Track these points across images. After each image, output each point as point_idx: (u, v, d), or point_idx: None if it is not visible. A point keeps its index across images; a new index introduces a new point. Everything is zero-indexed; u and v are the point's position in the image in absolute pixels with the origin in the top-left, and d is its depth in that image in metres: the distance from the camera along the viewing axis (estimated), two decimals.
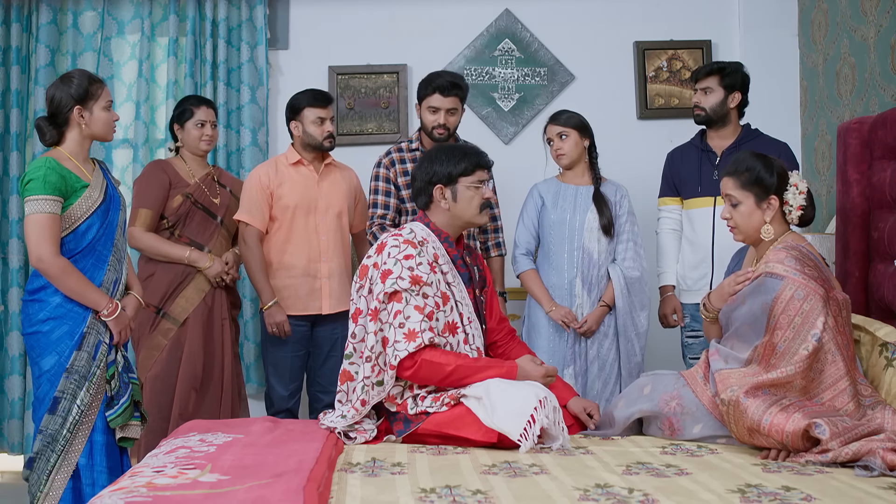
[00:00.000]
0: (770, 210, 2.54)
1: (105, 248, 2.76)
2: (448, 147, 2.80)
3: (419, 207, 2.75)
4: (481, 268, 2.86)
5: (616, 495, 1.90)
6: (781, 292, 2.40)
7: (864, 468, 2.14)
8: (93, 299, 2.70)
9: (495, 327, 2.86)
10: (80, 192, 2.70)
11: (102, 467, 2.70)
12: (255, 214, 3.51)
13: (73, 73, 2.81)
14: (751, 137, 3.42)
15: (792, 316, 2.38)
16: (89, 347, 2.70)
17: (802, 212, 2.56)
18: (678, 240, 3.52)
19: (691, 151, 3.52)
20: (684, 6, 4.56)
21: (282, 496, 1.78)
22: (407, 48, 4.49)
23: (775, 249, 2.51)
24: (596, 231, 3.36)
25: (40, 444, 2.65)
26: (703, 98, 3.43)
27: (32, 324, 2.70)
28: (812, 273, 2.43)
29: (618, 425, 2.65)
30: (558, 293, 3.36)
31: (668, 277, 3.52)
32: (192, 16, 4.33)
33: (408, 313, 2.50)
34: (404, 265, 2.53)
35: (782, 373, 2.35)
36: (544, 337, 3.35)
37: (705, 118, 3.44)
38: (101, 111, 2.77)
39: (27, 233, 2.64)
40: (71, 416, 2.65)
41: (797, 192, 2.55)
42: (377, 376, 2.53)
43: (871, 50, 3.63)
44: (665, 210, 3.57)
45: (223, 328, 3.57)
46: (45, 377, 2.68)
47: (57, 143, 2.77)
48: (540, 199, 3.44)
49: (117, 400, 2.75)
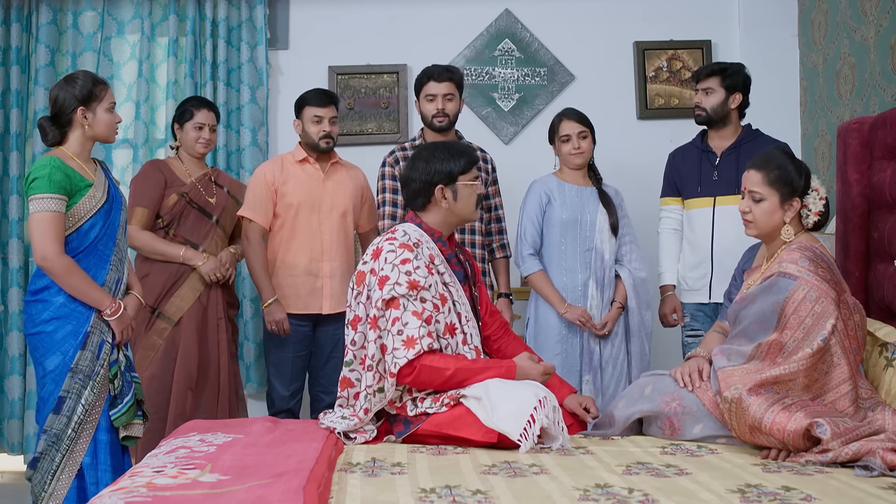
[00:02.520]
0: (791, 211, 2.53)
1: (107, 248, 2.77)
2: (439, 146, 2.74)
3: (415, 209, 2.71)
4: (471, 262, 2.84)
5: (616, 495, 1.90)
6: (794, 292, 2.40)
7: (864, 468, 2.14)
8: (96, 298, 2.71)
9: (487, 320, 2.83)
10: (85, 192, 2.71)
11: (107, 466, 2.71)
12: (258, 211, 3.51)
13: (77, 73, 2.83)
14: (751, 138, 3.42)
15: (803, 317, 2.38)
16: (93, 347, 2.71)
17: (819, 218, 2.56)
18: (679, 240, 3.53)
19: (692, 152, 3.52)
20: (684, 6, 4.56)
21: (282, 496, 1.78)
22: (407, 48, 4.49)
23: (789, 250, 2.50)
24: (606, 232, 3.36)
25: (45, 443, 2.65)
26: (705, 98, 3.43)
27: (36, 324, 2.71)
28: (825, 275, 2.42)
29: (618, 425, 2.65)
30: (571, 295, 3.34)
31: (668, 277, 3.52)
32: (192, 16, 4.33)
33: (406, 320, 2.48)
34: (401, 270, 2.51)
35: (785, 369, 2.34)
36: (554, 339, 3.33)
37: (706, 118, 3.44)
38: (104, 113, 2.79)
39: (31, 231, 2.64)
40: (76, 416, 2.66)
41: (818, 197, 2.55)
42: (378, 384, 2.52)
43: (871, 50, 3.63)
44: (666, 210, 3.57)
45: (219, 328, 3.56)
46: (50, 377, 2.68)
47: (59, 143, 2.78)
48: (545, 196, 3.39)
49: (121, 399, 2.76)
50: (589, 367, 3.30)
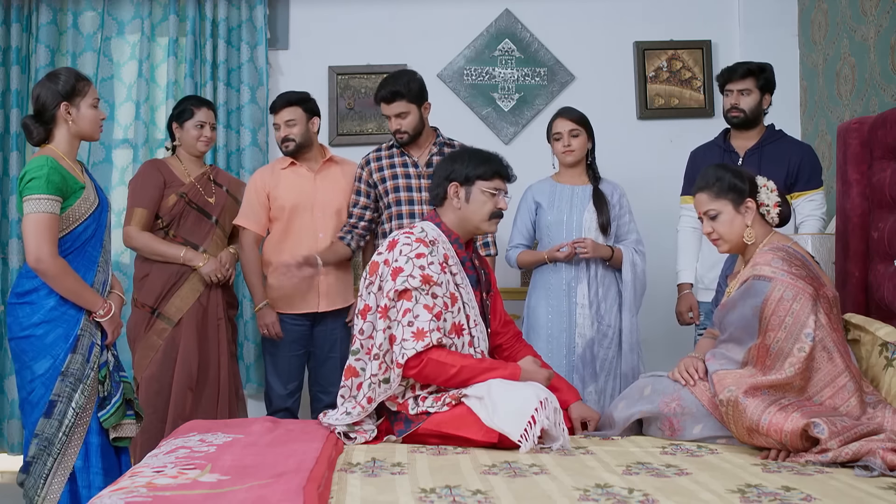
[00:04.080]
0: (749, 213, 2.57)
1: (95, 250, 2.76)
2: (475, 150, 2.82)
3: (433, 203, 2.77)
4: (487, 271, 2.87)
5: (616, 495, 1.90)
6: (770, 294, 2.41)
7: (864, 468, 2.14)
8: (89, 300, 2.70)
9: (500, 330, 2.86)
10: (79, 194, 2.70)
11: (98, 469, 2.70)
12: (251, 218, 3.56)
13: (59, 70, 2.79)
14: (775, 138, 3.41)
15: (783, 317, 2.39)
16: (83, 350, 2.69)
17: (780, 208, 2.58)
18: (698, 238, 3.51)
19: (714, 151, 3.50)
20: (684, 6, 4.56)
21: (282, 496, 1.78)
22: (407, 48, 4.49)
23: (762, 252, 2.53)
24: (594, 231, 3.36)
25: (36, 448, 2.63)
26: (742, 99, 3.39)
27: (24, 327, 2.67)
28: (800, 272, 2.43)
29: (618, 426, 2.65)
30: (557, 293, 3.36)
31: (686, 275, 3.52)
32: (192, 16, 4.33)
33: (417, 312, 2.50)
34: (416, 263, 2.53)
35: (781, 374, 2.35)
36: (543, 338, 3.35)
37: (744, 119, 3.40)
38: (88, 108, 2.75)
39: (25, 232, 2.61)
40: (67, 419, 2.64)
41: (769, 190, 2.60)
42: (384, 374, 2.53)
43: (871, 50, 3.63)
44: (685, 209, 3.55)
45: (219, 328, 3.56)
46: (39, 381, 2.65)
47: (45, 142, 2.74)
48: (534, 204, 3.46)
49: (109, 400, 2.74)
50: (594, 383, 3.30)
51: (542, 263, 3.40)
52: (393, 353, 2.51)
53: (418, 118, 3.47)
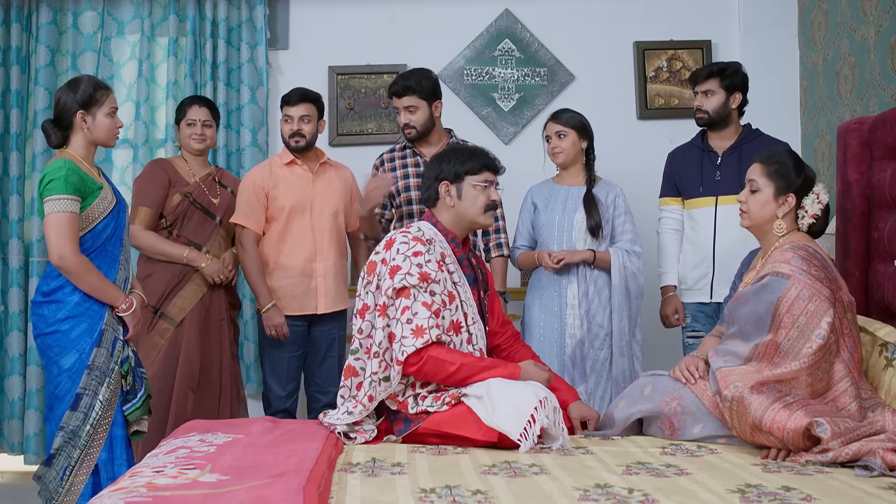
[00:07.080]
0: (785, 206, 2.56)
1: (115, 248, 2.83)
2: (461, 147, 2.84)
3: (427, 204, 2.79)
4: (484, 270, 2.88)
5: (616, 495, 1.90)
6: (787, 292, 2.40)
7: (864, 468, 2.14)
8: (112, 295, 2.77)
9: (498, 330, 2.87)
10: (97, 194, 2.78)
11: (122, 461, 2.76)
12: (250, 217, 3.53)
13: (81, 77, 2.88)
14: (751, 137, 3.42)
15: (796, 315, 2.38)
16: (107, 344, 2.75)
17: (814, 221, 2.57)
18: (679, 240, 3.52)
19: (692, 151, 3.52)
20: (684, 6, 4.56)
21: (282, 496, 1.78)
22: (407, 48, 4.50)
23: (782, 249, 2.51)
24: (583, 233, 3.36)
25: (61, 440, 2.68)
26: (705, 101, 3.42)
27: (50, 324, 2.74)
28: (818, 273, 2.42)
29: (618, 426, 2.65)
30: (549, 293, 3.36)
31: (669, 278, 3.52)
32: (192, 16, 4.34)
33: (416, 309, 2.50)
34: (413, 262, 2.54)
35: (787, 369, 2.34)
36: (536, 338, 3.35)
37: (708, 121, 3.44)
38: (104, 117, 2.83)
39: (47, 232, 2.69)
40: (93, 412, 2.70)
41: (816, 200, 2.57)
42: (384, 372, 2.53)
43: (871, 50, 3.63)
44: (666, 210, 3.56)
45: (221, 329, 3.57)
46: (66, 374, 2.72)
47: (62, 146, 2.83)
48: (532, 205, 3.48)
49: (134, 394, 2.81)
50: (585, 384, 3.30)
51: (538, 265, 3.41)
52: (393, 350, 2.51)
53: (428, 115, 3.47)
